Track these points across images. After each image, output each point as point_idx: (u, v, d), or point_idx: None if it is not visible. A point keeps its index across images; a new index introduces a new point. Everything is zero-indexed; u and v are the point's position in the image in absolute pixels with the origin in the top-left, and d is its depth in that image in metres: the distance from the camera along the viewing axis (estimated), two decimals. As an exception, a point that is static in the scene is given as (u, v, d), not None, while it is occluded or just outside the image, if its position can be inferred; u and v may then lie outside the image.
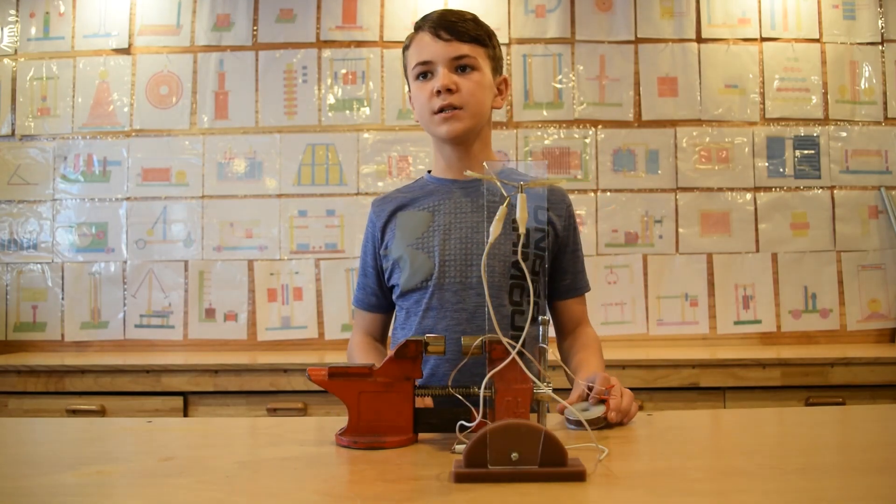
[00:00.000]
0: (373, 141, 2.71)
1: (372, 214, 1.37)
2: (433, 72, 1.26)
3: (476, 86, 1.25)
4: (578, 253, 1.38)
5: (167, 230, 2.71)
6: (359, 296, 1.41)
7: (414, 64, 1.28)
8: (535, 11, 2.73)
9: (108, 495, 0.72)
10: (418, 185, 1.37)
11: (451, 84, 1.23)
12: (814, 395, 2.19)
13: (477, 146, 1.31)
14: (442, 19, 1.27)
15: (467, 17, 1.28)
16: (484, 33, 1.29)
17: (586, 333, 1.37)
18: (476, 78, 1.25)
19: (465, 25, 1.26)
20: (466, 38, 1.25)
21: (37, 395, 2.22)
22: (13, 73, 2.76)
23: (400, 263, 1.30)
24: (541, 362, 0.87)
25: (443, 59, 1.25)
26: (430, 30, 1.26)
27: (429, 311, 1.27)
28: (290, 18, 2.75)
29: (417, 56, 1.27)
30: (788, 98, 2.72)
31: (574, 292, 1.37)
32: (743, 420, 1.17)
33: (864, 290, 2.68)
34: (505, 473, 0.73)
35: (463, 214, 1.29)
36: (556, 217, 1.34)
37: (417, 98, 1.29)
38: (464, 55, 1.25)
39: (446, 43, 1.25)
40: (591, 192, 2.70)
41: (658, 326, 2.67)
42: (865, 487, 0.72)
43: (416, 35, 1.30)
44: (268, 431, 1.04)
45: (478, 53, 1.26)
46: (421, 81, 1.28)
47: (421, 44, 1.28)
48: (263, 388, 2.20)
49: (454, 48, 1.25)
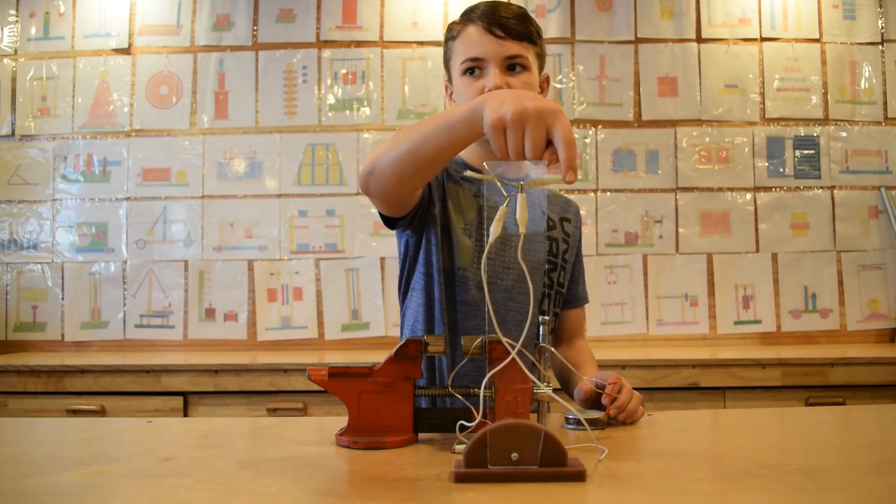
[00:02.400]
0: (373, 141, 2.71)
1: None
2: (483, 69, 1.21)
3: (526, 87, 1.21)
4: (582, 265, 1.40)
5: (167, 230, 2.71)
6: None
7: (462, 59, 1.22)
8: (535, 11, 2.73)
9: (108, 495, 0.72)
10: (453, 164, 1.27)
11: (504, 85, 1.18)
12: (814, 395, 2.19)
13: None
14: (494, 14, 1.21)
15: (519, 12, 1.23)
16: (534, 30, 1.24)
17: (581, 345, 1.38)
18: (525, 78, 1.21)
19: (517, 22, 1.21)
20: (519, 37, 1.21)
21: (37, 395, 2.22)
22: (13, 73, 2.76)
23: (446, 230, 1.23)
24: (541, 362, 0.87)
25: (495, 57, 1.20)
26: (482, 24, 1.21)
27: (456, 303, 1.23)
28: (290, 18, 2.75)
29: (467, 51, 1.22)
30: (788, 98, 2.72)
31: (576, 302, 1.39)
32: (743, 420, 1.17)
33: (864, 290, 2.68)
34: (505, 473, 0.73)
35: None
36: (574, 229, 1.35)
37: (464, 94, 1.22)
38: (516, 55, 1.20)
39: (498, 40, 1.20)
40: (591, 192, 2.70)
41: (658, 326, 2.67)
42: (865, 487, 0.72)
43: (464, 27, 1.24)
44: (268, 431, 1.04)
45: (528, 52, 1.22)
46: (469, 77, 1.22)
47: (471, 38, 1.22)
48: (263, 388, 2.20)
49: (506, 47, 1.20)
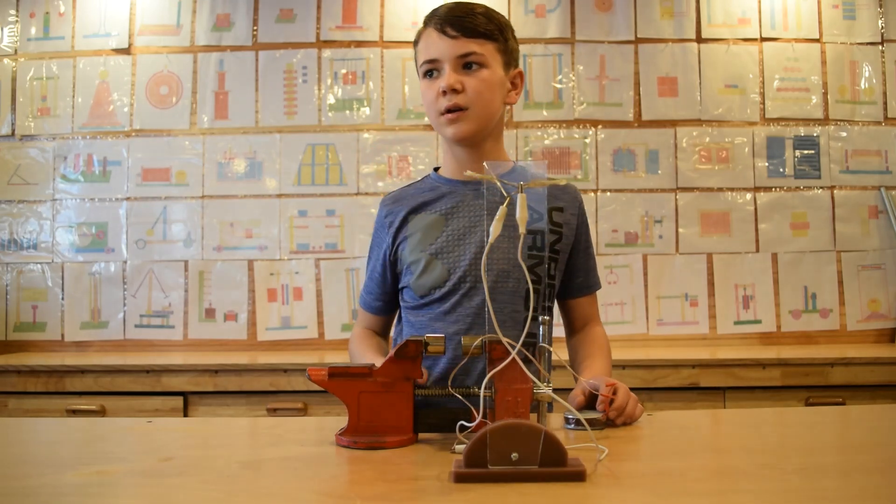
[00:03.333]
0: (373, 141, 2.71)
1: (383, 215, 1.32)
2: (439, 70, 1.21)
3: (483, 84, 1.19)
4: (590, 251, 1.36)
5: (167, 230, 2.71)
6: (365, 298, 1.38)
7: (421, 61, 1.24)
8: (534, 11, 2.73)
9: (109, 495, 0.72)
10: (427, 185, 1.32)
11: (457, 84, 1.18)
12: (814, 395, 2.19)
13: (488, 144, 1.26)
14: (449, 14, 1.21)
15: (477, 10, 1.22)
16: (495, 27, 1.22)
17: (595, 332, 1.35)
18: (483, 76, 1.20)
19: (473, 20, 1.20)
20: (474, 34, 1.19)
21: (37, 395, 2.22)
22: (13, 73, 2.76)
23: (412, 268, 1.26)
24: (541, 362, 0.87)
25: (448, 56, 1.19)
26: (436, 26, 1.21)
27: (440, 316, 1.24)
28: (290, 18, 2.75)
29: (425, 53, 1.23)
30: (788, 98, 2.72)
31: (586, 290, 1.35)
32: (743, 420, 1.16)
33: (864, 290, 2.68)
34: (505, 473, 0.73)
35: (476, 218, 1.25)
36: (571, 216, 1.30)
37: (425, 96, 1.24)
38: (470, 52, 1.19)
39: (452, 40, 1.19)
40: (591, 192, 2.70)
41: (658, 326, 2.66)
42: (865, 487, 0.72)
43: (424, 30, 1.25)
44: (268, 431, 1.04)
45: (486, 49, 1.20)
46: (428, 80, 1.23)
47: (428, 40, 1.22)
48: (263, 388, 2.20)
49: (460, 45, 1.19)
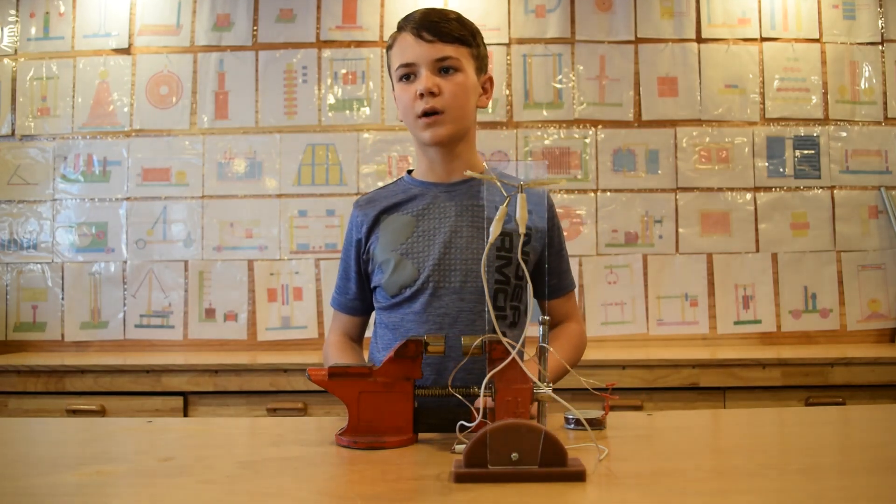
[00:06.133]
0: (373, 141, 2.71)
1: (356, 216, 1.34)
2: (416, 73, 1.24)
3: (459, 88, 1.23)
4: (563, 253, 1.37)
5: (167, 230, 2.71)
6: (338, 298, 1.39)
7: (397, 65, 1.26)
8: (535, 11, 2.73)
9: (108, 495, 0.72)
10: (400, 187, 1.35)
11: (434, 87, 1.21)
12: (814, 395, 2.19)
13: (461, 147, 1.29)
14: (424, 19, 1.24)
15: (451, 16, 1.25)
16: (468, 32, 1.26)
17: (568, 328, 1.37)
18: (459, 80, 1.23)
19: (448, 26, 1.23)
20: (449, 39, 1.23)
21: (37, 395, 2.22)
22: (13, 73, 2.76)
23: (383, 267, 1.29)
24: (541, 362, 0.87)
25: (425, 60, 1.22)
26: (412, 30, 1.24)
27: (411, 316, 1.26)
28: (290, 18, 2.75)
29: (400, 57, 1.25)
30: (788, 98, 2.72)
31: (560, 291, 1.37)
32: (743, 420, 1.17)
33: (864, 290, 2.68)
34: (505, 473, 0.73)
35: (447, 219, 1.27)
36: (538, 219, 1.31)
37: (401, 99, 1.27)
38: (447, 56, 1.22)
39: (429, 44, 1.22)
40: (591, 192, 2.70)
41: (658, 326, 2.66)
42: (865, 487, 0.72)
43: (398, 35, 1.27)
44: (268, 431, 1.04)
45: (461, 54, 1.24)
46: (404, 83, 1.26)
47: (403, 44, 1.25)
48: (263, 388, 2.20)
49: (437, 49, 1.22)
